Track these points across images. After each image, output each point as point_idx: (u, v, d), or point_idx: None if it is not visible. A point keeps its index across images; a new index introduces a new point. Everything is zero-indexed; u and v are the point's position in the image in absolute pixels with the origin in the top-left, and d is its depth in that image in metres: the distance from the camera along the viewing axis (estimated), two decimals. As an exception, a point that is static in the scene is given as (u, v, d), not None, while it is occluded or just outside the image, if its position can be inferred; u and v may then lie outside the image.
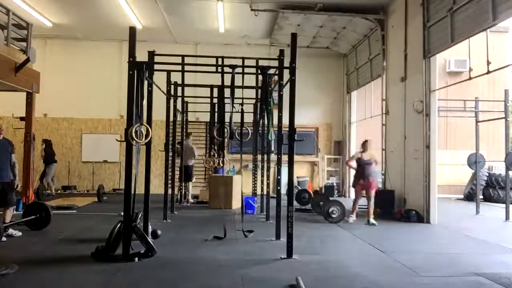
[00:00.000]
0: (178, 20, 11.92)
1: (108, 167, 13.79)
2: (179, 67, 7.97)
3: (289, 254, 5.32)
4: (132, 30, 5.39)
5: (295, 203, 7.36)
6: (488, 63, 7.20)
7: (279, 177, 6.47)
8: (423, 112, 8.63)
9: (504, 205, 9.42)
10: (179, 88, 9.18)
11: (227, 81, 6.13)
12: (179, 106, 10.02)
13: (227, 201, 9.87)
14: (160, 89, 7.64)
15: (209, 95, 8.52)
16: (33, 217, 6.71)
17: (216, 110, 7.55)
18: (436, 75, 8.76)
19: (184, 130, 11.24)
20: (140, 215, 5.92)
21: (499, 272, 4.86)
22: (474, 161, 10.51)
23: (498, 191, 12.85)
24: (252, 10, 10.40)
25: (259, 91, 7.69)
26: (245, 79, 6.67)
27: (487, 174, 13.37)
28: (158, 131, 12.34)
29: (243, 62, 6.91)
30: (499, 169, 13.35)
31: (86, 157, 13.73)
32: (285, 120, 5.79)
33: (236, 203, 9.70)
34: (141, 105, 5.34)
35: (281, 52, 7.22)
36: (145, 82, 5.55)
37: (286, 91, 5.87)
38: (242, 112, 8.49)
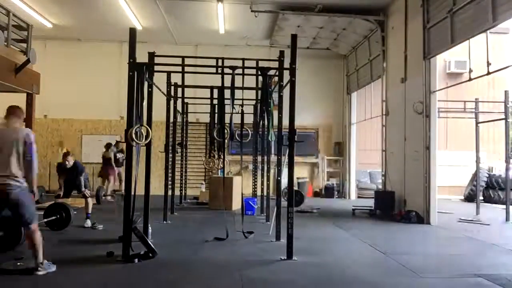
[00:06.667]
0: (178, 21, 11.94)
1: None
2: (179, 68, 7.97)
3: (289, 255, 5.32)
4: (132, 31, 5.39)
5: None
6: (488, 64, 7.21)
7: (279, 178, 6.46)
8: (423, 113, 8.63)
9: (504, 206, 9.42)
10: (179, 89, 9.19)
11: (227, 82, 6.12)
12: (179, 107, 10.01)
13: (227, 202, 9.86)
14: (160, 90, 7.64)
15: (209, 96, 8.52)
16: (53, 218, 6.76)
17: (216, 111, 7.54)
18: (436, 76, 8.77)
19: (184, 132, 11.26)
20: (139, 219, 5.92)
21: (500, 273, 4.85)
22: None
23: (498, 192, 12.84)
24: (252, 11, 10.41)
25: (259, 92, 7.69)
26: (245, 80, 6.67)
27: (487, 175, 13.37)
28: (158, 132, 12.33)
29: (243, 63, 6.91)
30: (499, 170, 13.34)
31: (86, 158, 13.69)
32: (285, 121, 5.79)
33: (236, 204, 9.70)
34: (141, 106, 5.33)
35: (281, 53, 7.23)
36: (145, 83, 5.54)
37: (286, 92, 5.87)
38: (242, 113, 8.49)
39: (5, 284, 4.18)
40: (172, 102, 8.91)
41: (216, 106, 7.31)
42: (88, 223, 7.28)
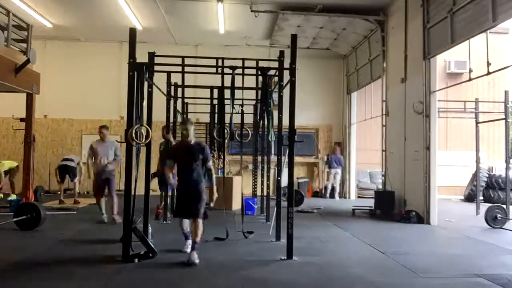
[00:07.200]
0: (178, 21, 11.93)
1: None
2: (179, 68, 7.95)
3: (289, 255, 5.32)
4: (132, 31, 5.39)
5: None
6: (488, 64, 7.21)
7: (279, 178, 6.46)
8: (423, 113, 8.63)
9: (504, 206, 9.40)
10: (179, 89, 9.18)
11: (227, 82, 6.12)
12: (179, 107, 10.00)
13: (227, 202, 9.85)
14: (160, 90, 7.64)
15: (209, 96, 8.53)
16: (23, 217, 6.76)
17: (216, 111, 7.54)
18: (436, 76, 8.76)
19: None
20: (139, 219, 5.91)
21: (500, 273, 4.85)
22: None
23: (498, 192, 12.84)
24: (252, 11, 10.40)
25: (259, 92, 7.69)
26: (245, 80, 6.68)
27: (487, 175, 13.37)
28: (158, 132, 12.32)
29: (243, 63, 6.91)
30: (499, 170, 13.34)
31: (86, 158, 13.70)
32: (285, 121, 5.79)
33: (236, 204, 9.70)
34: (141, 106, 5.33)
35: (281, 53, 7.23)
36: (145, 83, 5.54)
37: (286, 92, 5.87)
38: (242, 113, 8.50)
39: (5, 285, 4.19)
40: (172, 102, 8.91)
41: (216, 106, 7.31)
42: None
